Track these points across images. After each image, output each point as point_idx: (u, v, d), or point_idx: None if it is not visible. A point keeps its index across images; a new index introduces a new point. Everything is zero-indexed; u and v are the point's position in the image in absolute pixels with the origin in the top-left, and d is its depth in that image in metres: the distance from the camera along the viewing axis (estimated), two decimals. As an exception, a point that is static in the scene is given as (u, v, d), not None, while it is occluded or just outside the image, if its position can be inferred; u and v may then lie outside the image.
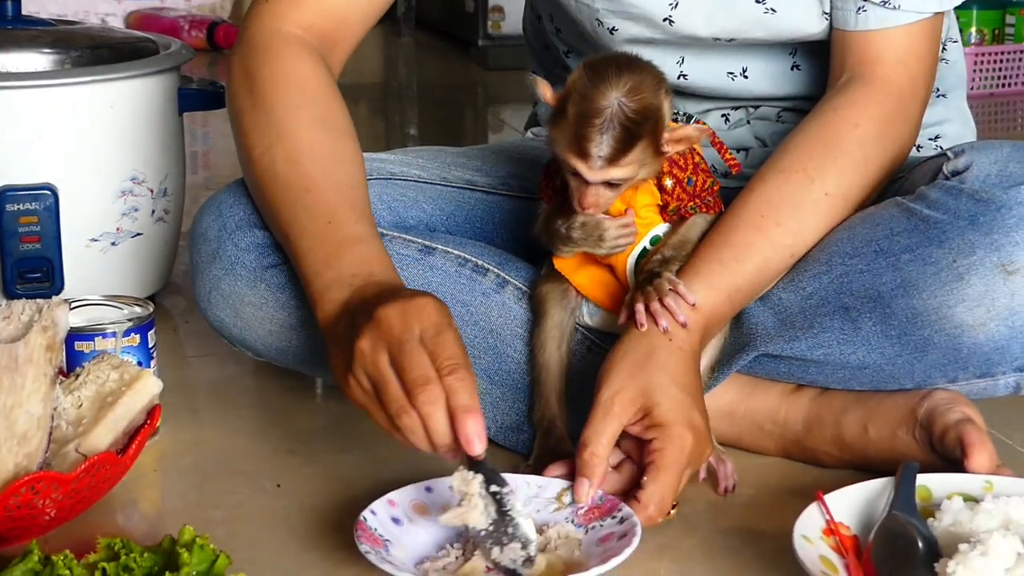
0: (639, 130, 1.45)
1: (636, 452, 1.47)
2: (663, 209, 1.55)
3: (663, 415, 1.43)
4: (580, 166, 1.45)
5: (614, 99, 1.44)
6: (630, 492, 1.44)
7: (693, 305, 1.50)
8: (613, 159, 1.45)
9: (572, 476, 1.44)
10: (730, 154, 1.61)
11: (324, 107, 1.60)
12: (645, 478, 1.42)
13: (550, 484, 1.45)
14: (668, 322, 1.48)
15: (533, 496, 1.45)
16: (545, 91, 1.49)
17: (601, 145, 1.44)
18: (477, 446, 1.33)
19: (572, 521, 1.42)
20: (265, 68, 1.61)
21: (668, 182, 1.53)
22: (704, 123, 1.63)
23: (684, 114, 1.79)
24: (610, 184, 1.47)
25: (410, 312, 1.37)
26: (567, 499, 1.43)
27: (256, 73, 1.61)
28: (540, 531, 1.39)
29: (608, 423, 1.43)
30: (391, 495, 1.45)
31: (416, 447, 1.36)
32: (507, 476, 1.42)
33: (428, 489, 1.46)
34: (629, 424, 1.44)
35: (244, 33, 1.66)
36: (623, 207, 1.52)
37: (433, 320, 1.36)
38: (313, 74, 1.61)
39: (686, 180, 1.54)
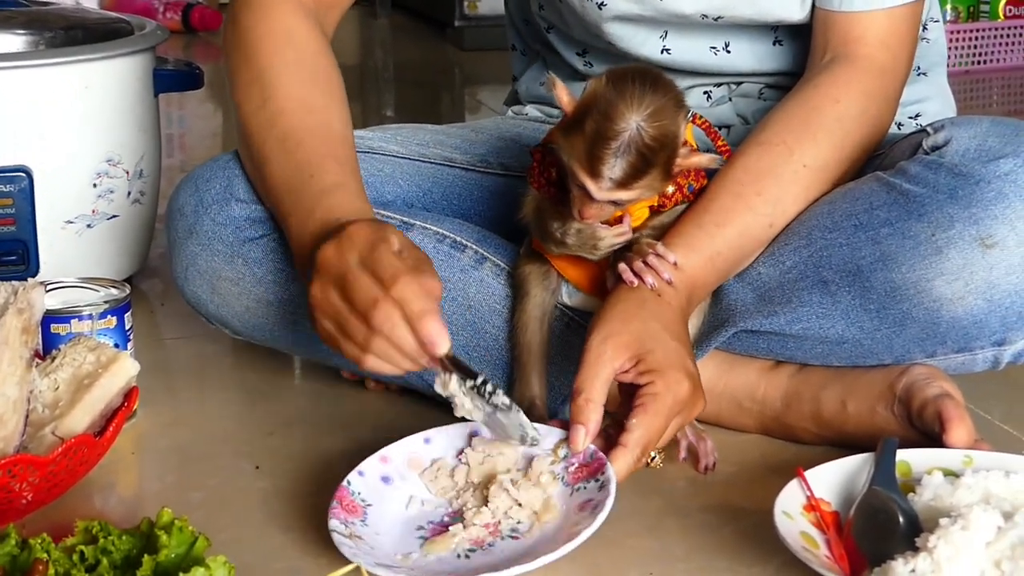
0: (654, 158, 1.42)
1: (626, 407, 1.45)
2: (656, 207, 1.55)
3: (658, 361, 1.42)
4: (589, 184, 1.43)
5: (634, 122, 1.41)
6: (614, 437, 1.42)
7: (675, 264, 1.50)
8: (624, 184, 1.43)
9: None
10: (722, 141, 1.60)
11: (318, 66, 1.61)
12: (633, 420, 1.40)
13: (549, 434, 1.44)
14: (654, 279, 1.48)
15: (532, 446, 1.44)
16: (562, 95, 1.46)
17: (614, 168, 1.42)
18: (440, 346, 1.34)
19: (562, 478, 1.41)
20: (261, 26, 1.62)
21: (670, 188, 1.52)
22: (722, 145, 1.61)
23: None
24: (615, 202, 1.46)
25: (343, 243, 1.38)
26: (562, 452, 1.42)
27: (251, 31, 1.62)
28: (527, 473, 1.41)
29: (601, 367, 1.42)
30: (385, 450, 1.45)
31: (400, 368, 1.37)
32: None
33: (427, 440, 1.47)
34: (621, 371, 1.43)
35: None
36: (619, 212, 1.51)
37: (366, 240, 1.37)
38: (307, 34, 1.62)
39: (687, 187, 1.54)
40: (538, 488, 1.40)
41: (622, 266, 1.49)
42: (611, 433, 1.43)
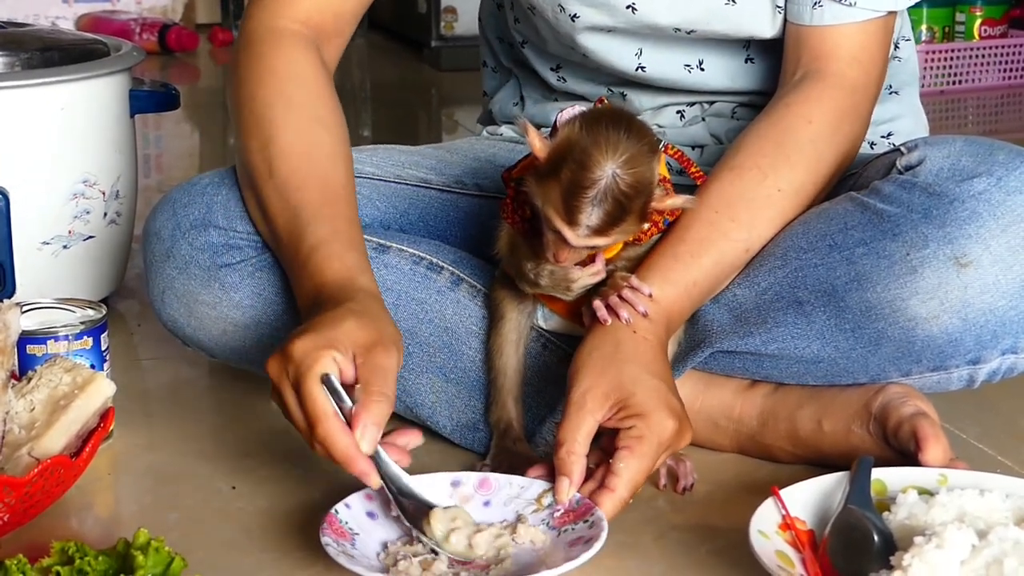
0: (630, 204, 1.42)
1: (609, 442, 1.45)
2: (632, 241, 1.55)
3: (641, 404, 1.42)
4: (565, 231, 1.42)
5: (609, 170, 1.39)
6: (598, 474, 1.43)
7: (650, 296, 1.50)
8: (601, 231, 1.42)
9: (551, 478, 1.43)
10: (695, 167, 1.60)
11: (321, 105, 1.61)
12: (620, 464, 1.40)
13: (532, 485, 1.45)
14: (629, 313, 1.48)
15: (515, 497, 1.44)
16: (535, 141, 1.44)
17: (591, 216, 1.41)
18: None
19: (547, 523, 1.41)
20: (263, 63, 1.62)
21: (646, 225, 1.52)
22: (698, 174, 1.61)
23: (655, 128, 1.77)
24: (590, 246, 1.46)
25: (285, 359, 1.37)
26: (547, 501, 1.42)
27: (254, 69, 1.62)
28: (513, 528, 1.39)
29: (583, 420, 1.42)
30: (369, 488, 1.44)
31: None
32: (493, 476, 1.45)
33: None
34: (605, 419, 1.43)
35: (242, 31, 1.67)
36: (593, 253, 1.51)
37: (299, 364, 1.36)
38: (311, 71, 1.62)
39: (662, 222, 1.54)
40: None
41: (596, 303, 1.49)
42: (596, 471, 1.43)
